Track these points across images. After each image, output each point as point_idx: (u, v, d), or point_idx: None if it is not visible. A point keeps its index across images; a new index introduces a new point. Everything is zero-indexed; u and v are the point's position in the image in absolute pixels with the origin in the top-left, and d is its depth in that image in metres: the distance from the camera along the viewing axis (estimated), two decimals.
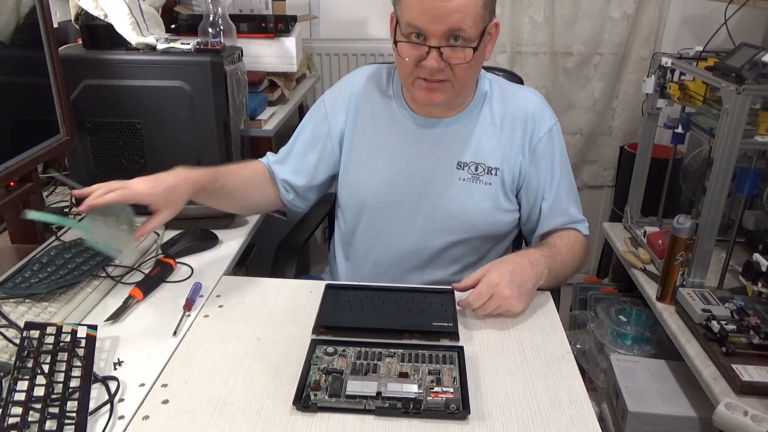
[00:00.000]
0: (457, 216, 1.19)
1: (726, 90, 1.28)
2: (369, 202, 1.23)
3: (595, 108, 2.41)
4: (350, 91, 1.24)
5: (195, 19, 1.71)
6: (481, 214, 1.18)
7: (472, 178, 1.18)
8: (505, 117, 1.18)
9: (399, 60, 1.08)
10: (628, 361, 1.60)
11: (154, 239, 1.29)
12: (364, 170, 1.22)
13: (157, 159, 1.38)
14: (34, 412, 0.76)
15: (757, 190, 1.54)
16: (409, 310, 1.03)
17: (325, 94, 1.27)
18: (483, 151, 1.17)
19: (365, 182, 1.22)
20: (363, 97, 1.23)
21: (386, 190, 1.21)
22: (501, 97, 1.20)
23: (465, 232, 1.20)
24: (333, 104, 1.24)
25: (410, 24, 1.02)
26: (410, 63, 1.06)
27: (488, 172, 1.17)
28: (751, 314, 1.27)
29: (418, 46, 1.04)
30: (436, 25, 1.00)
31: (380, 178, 1.21)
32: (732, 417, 1.08)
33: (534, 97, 1.22)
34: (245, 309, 1.06)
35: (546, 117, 1.19)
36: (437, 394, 0.83)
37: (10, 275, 1.06)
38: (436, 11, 0.99)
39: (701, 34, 2.20)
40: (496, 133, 1.18)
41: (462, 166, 1.18)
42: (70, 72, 1.29)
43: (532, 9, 2.28)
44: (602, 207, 2.62)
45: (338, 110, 1.24)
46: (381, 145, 1.21)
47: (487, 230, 1.21)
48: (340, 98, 1.24)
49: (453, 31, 1.01)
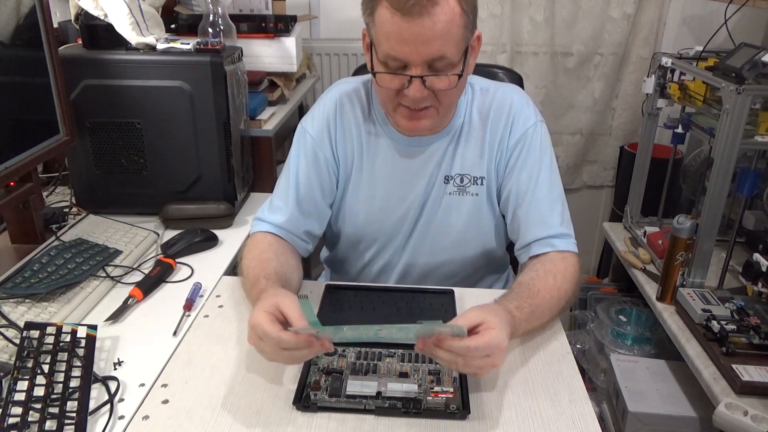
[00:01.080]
0: (448, 231, 1.15)
1: (726, 90, 1.28)
2: (362, 230, 1.19)
3: (595, 108, 2.41)
4: (329, 118, 1.14)
5: (195, 19, 1.71)
6: (471, 226, 1.14)
7: (458, 191, 1.13)
8: (487, 120, 1.12)
9: (378, 88, 1.02)
10: (628, 361, 1.60)
11: (154, 239, 1.29)
12: (354, 199, 1.16)
13: (157, 159, 1.38)
14: (34, 412, 0.76)
15: (757, 190, 1.54)
16: (409, 310, 1.03)
17: (305, 123, 1.16)
18: (467, 161, 1.12)
19: (356, 211, 1.17)
20: (344, 122, 1.14)
21: (380, 216, 1.16)
22: (482, 100, 1.13)
23: (457, 246, 1.17)
24: (316, 132, 1.14)
25: (388, 54, 0.95)
26: (391, 91, 0.99)
27: (474, 183, 1.13)
28: (751, 314, 1.27)
29: (398, 76, 0.96)
30: (416, 54, 0.93)
31: (372, 205, 1.16)
32: (732, 417, 1.08)
33: (515, 96, 1.14)
34: (245, 309, 1.05)
35: (524, 116, 1.11)
36: (437, 394, 0.83)
37: (10, 275, 1.06)
38: (416, 40, 0.91)
39: (701, 34, 2.20)
40: (479, 140, 1.12)
41: (448, 179, 1.13)
42: (70, 72, 1.29)
43: (532, 9, 2.28)
44: (602, 207, 2.62)
45: (323, 138, 1.14)
46: (369, 171, 1.14)
47: (478, 241, 1.17)
48: (322, 125, 1.14)
49: (435, 60, 0.94)
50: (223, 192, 1.42)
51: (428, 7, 0.90)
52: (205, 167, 1.39)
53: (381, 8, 0.93)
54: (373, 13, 0.95)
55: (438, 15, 0.90)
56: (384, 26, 0.93)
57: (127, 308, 1.04)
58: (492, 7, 2.27)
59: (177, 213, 1.36)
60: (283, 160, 1.33)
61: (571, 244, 1.07)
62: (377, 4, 0.94)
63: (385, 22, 0.93)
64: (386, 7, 0.92)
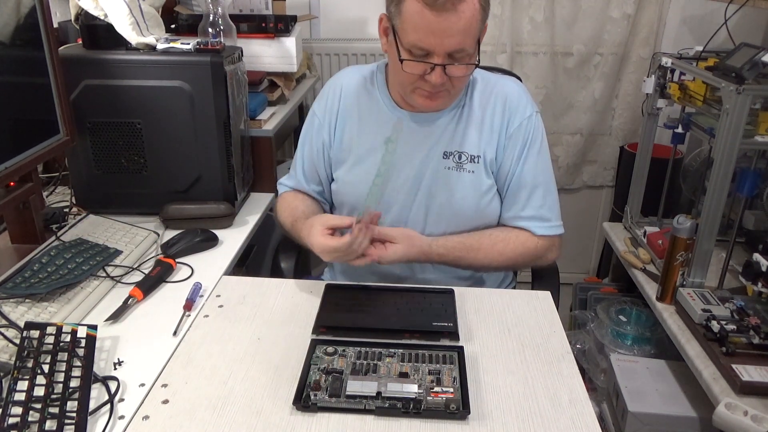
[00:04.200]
0: (447, 204, 1.21)
1: (726, 90, 1.28)
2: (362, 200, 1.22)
3: (595, 108, 2.41)
4: (337, 94, 1.26)
5: (195, 19, 1.71)
6: (467, 200, 1.20)
7: (456, 167, 1.20)
8: (486, 106, 1.21)
9: (399, 72, 1.10)
10: (628, 361, 1.60)
11: (154, 239, 1.29)
12: (356, 169, 1.24)
13: (157, 159, 1.38)
14: (34, 412, 0.76)
15: (757, 190, 1.54)
16: (409, 310, 1.03)
17: (314, 105, 1.31)
18: (466, 140, 1.20)
19: (357, 180, 1.23)
20: (350, 98, 1.25)
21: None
22: (483, 86, 1.22)
23: (456, 220, 1.22)
24: (323, 113, 1.27)
25: (415, 44, 1.05)
26: (414, 76, 1.09)
27: (471, 161, 1.20)
28: (751, 314, 1.27)
29: (422, 64, 1.06)
30: (441, 46, 1.03)
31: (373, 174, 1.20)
32: (732, 417, 1.08)
33: (514, 85, 1.25)
34: (245, 309, 1.06)
35: (523, 105, 1.21)
36: (437, 394, 0.83)
37: (10, 275, 1.06)
38: (443, 33, 1.02)
39: (701, 34, 2.20)
40: (478, 122, 1.20)
41: (447, 155, 1.20)
42: (70, 72, 1.29)
43: (532, 9, 2.28)
44: (602, 207, 2.61)
45: (330, 117, 1.27)
46: (371, 143, 1.22)
47: (476, 217, 1.22)
48: (329, 105, 1.27)
49: (456, 51, 1.05)
50: (223, 192, 1.42)
51: (456, 3, 1.00)
52: (205, 167, 1.39)
53: (410, 0, 1.02)
54: (401, 4, 1.04)
55: (464, 11, 1.01)
56: (413, 18, 1.03)
57: (127, 308, 1.04)
58: (492, 7, 2.23)
59: (177, 213, 1.36)
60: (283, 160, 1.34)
61: (543, 228, 1.22)
62: None
63: (414, 14, 1.02)
64: (416, 0, 1.01)
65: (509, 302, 1.09)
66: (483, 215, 1.23)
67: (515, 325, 1.02)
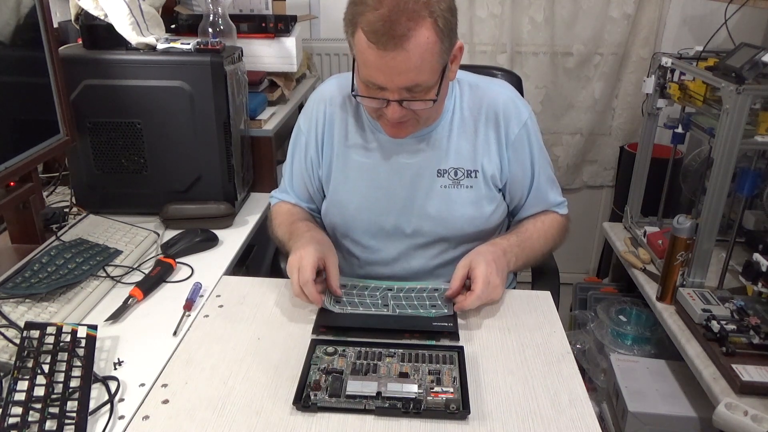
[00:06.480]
0: (443, 223, 1.17)
1: (726, 90, 1.28)
2: (352, 219, 1.21)
3: (595, 108, 2.41)
4: (322, 109, 1.20)
5: (195, 19, 1.71)
6: (465, 218, 1.16)
7: (453, 184, 1.15)
8: (478, 117, 1.15)
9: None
10: (628, 361, 1.60)
11: (154, 239, 1.29)
12: (344, 188, 1.20)
13: (157, 159, 1.38)
14: (34, 412, 0.76)
15: (757, 190, 1.54)
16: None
17: (300, 119, 1.24)
18: (460, 155, 1.15)
19: (347, 200, 1.20)
20: (335, 114, 1.19)
21: (369, 205, 1.19)
22: (471, 96, 1.16)
23: (451, 237, 1.19)
24: (308, 129, 1.22)
25: (368, 79, 0.99)
26: (371, 108, 1.06)
27: (468, 176, 1.15)
28: (751, 314, 1.27)
29: (376, 99, 1.01)
30: (392, 83, 0.97)
31: (362, 193, 1.18)
32: (732, 417, 1.08)
33: (504, 91, 1.18)
34: (245, 309, 1.06)
35: (517, 111, 1.16)
36: (437, 394, 0.83)
37: (10, 275, 1.06)
38: (392, 71, 0.96)
39: (701, 34, 2.20)
40: (471, 135, 1.15)
41: (442, 173, 1.15)
42: (70, 72, 1.29)
43: (532, 9, 2.28)
44: (602, 207, 2.61)
45: (316, 133, 1.21)
46: (359, 161, 1.18)
47: (474, 232, 1.19)
48: (314, 120, 1.21)
49: (412, 86, 0.98)
50: (223, 192, 1.42)
51: (401, 42, 0.92)
52: (205, 167, 1.39)
53: (359, 33, 0.95)
54: (354, 35, 0.98)
55: (412, 49, 0.93)
56: (362, 53, 0.97)
57: (127, 308, 1.04)
58: (492, 7, 2.27)
59: (177, 213, 1.36)
60: (283, 160, 1.34)
61: (563, 208, 1.26)
62: (356, 27, 0.96)
63: (363, 50, 0.96)
64: (363, 35, 0.94)
65: (509, 302, 1.09)
66: (481, 229, 1.19)
67: (515, 325, 1.02)
